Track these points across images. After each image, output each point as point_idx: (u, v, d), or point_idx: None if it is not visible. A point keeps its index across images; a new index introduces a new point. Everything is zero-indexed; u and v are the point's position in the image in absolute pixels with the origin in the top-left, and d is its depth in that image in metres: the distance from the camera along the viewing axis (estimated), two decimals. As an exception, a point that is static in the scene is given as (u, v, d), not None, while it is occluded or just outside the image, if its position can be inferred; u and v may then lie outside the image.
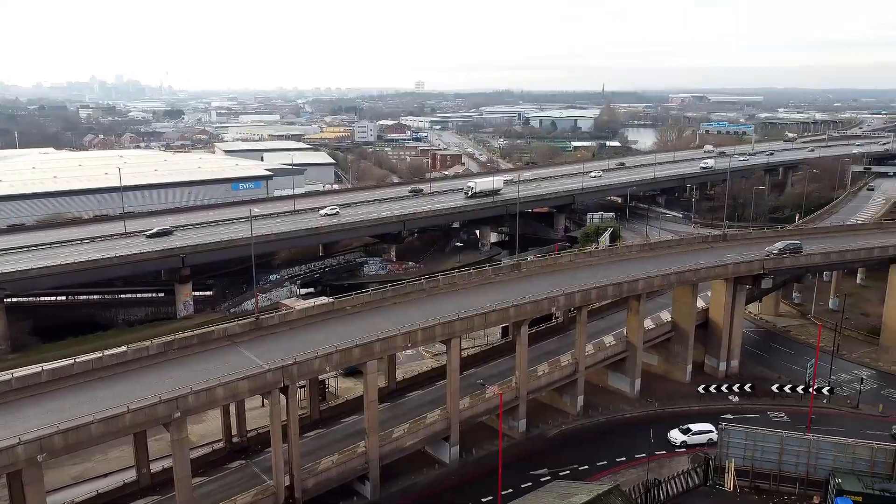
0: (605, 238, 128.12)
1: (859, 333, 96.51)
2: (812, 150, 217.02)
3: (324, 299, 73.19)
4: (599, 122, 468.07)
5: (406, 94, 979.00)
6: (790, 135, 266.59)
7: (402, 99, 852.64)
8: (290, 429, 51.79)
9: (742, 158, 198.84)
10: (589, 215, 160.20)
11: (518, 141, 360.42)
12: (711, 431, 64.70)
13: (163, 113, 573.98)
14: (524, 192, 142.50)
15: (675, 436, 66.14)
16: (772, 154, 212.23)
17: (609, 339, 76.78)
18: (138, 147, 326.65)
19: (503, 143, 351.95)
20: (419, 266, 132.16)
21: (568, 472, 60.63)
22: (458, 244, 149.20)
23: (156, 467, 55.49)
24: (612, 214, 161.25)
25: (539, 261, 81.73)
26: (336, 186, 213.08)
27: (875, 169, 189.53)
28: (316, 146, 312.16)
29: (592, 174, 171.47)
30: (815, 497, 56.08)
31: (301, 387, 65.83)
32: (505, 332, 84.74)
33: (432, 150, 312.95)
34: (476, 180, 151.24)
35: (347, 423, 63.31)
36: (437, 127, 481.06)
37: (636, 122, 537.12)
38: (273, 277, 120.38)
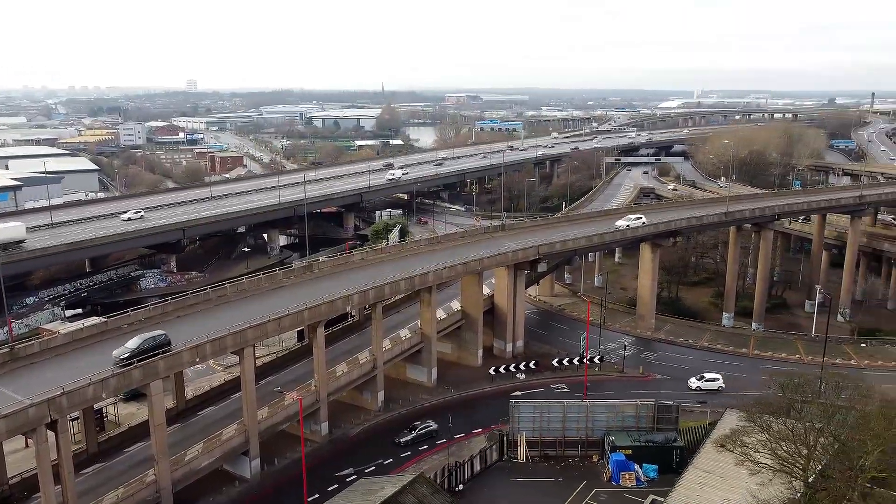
0: (394, 234, 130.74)
1: (620, 306, 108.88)
2: (598, 140, 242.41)
3: (95, 320, 66.16)
4: (381, 121, 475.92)
5: (177, 93, 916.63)
6: (554, 134, 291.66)
7: (173, 98, 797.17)
8: (62, 468, 46.07)
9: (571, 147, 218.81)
10: (378, 213, 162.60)
11: (302, 141, 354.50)
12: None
13: None
14: (312, 193, 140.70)
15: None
16: (552, 147, 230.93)
17: (405, 333, 78.52)
18: None
19: (286, 144, 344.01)
20: (204, 275, 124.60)
21: (373, 468, 61.06)
22: (246, 249, 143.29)
23: None
24: (399, 211, 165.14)
25: (331, 261, 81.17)
26: (102, 195, 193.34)
27: (624, 160, 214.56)
28: (74, 151, 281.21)
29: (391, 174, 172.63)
30: (594, 456, 62.24)
31: (74, 419, 58.97)
32: (301, 335, 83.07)
33: (210, 152, 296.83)
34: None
35: (132, 451, 57.94)
36: (215, 128, 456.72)
37: (416, 120, 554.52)
38: (30, 300, 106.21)
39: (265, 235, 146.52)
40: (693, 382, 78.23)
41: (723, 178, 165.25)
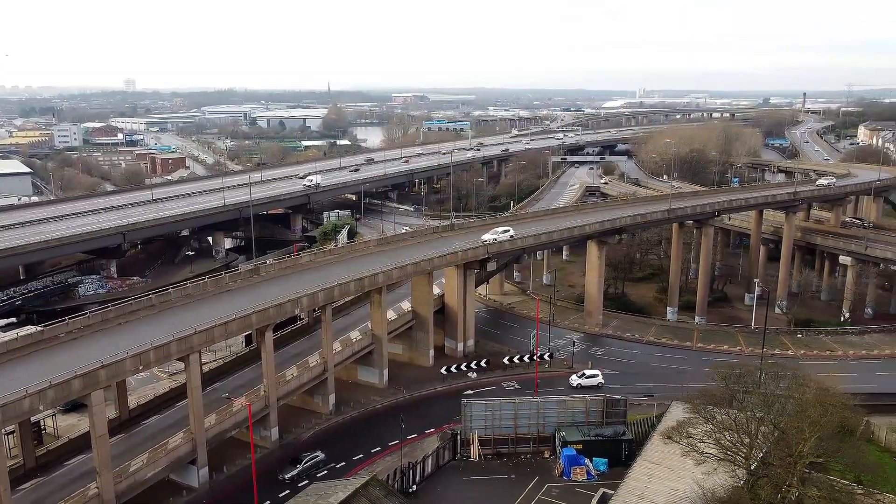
0: (343, 235, 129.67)
1: (569, 303, 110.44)
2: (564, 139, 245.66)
3: (30, 328, 63.53)
4: (328, 122, 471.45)
5: (115, 92, 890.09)
6: (505, 135, 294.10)
7: (111, 98, 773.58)
8: (-3, 484, 44.13)
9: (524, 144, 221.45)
10: (326, 214, 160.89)
11: (246, 142, 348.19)
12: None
13: None
14: (258, 194, 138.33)
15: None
16: (522, 141, 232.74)
17: (355, 335, 77.94)
18: None
19: (231, 145, 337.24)
20: (146, 280, 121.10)
21: (325, 472, 60.42)
22: (190, 253, 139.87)
23: None
24: (348, 212, 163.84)
25: (278, 263, 79.95)
26: (36, 198, 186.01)
27: (570, 159, 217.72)
28: (6, 154, 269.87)
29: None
30: (545, 452, 62.98)
31: (9, 433, 56.53)
32: (249, 339, 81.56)
33: (151, 153, 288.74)
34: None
35: (73, 465, 55.89)
36: (155, 129, 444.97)
37: (363, 120, 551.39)
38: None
39: (210, 238, 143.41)
40: (574, 380, 79.13)
41: (665, 176, 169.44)
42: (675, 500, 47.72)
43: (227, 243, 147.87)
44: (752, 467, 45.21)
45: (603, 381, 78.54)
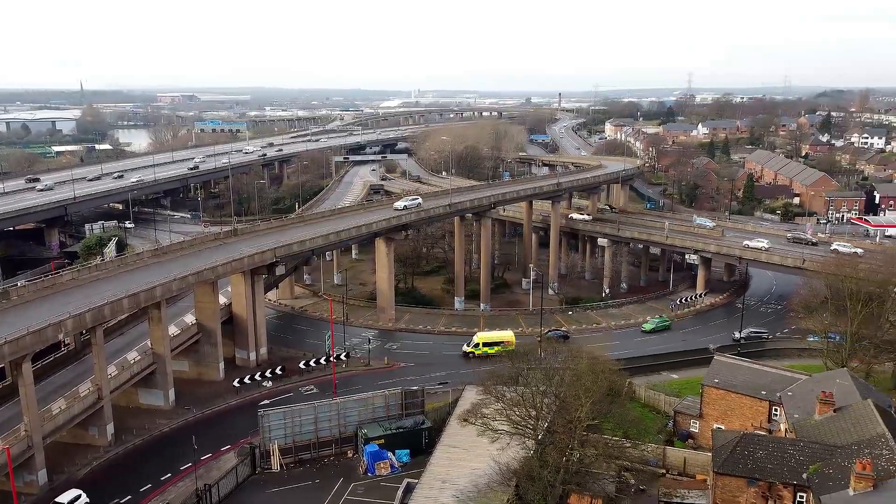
0: (110, 249, 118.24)
1: (361, 301, 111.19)
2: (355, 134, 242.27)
3: None
4: (83, 124, 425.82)
5: None
6: (285, 135, 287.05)
7: None
8: None
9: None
10: (88, 226, 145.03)
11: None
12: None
13: None
14: (2, 208, 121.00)
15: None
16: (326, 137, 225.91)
17: (133, 355, 71.58)
18: None
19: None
20: None
21: (109, 510, 54.77)
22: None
23: None
24: (114, 223, 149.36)
25: (34, 284, 70.58)
26: None
27: (352, 158, 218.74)
28: None
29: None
30: (348, 451, 62.88)
31: None
32: (3, 374, 71.00)
33: None
34: None
35: None
36: None
37: (126, 122, 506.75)
38: None
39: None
40: None
41: (444, 172, 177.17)
42: (475, 479, 50.30)
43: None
44: (540, 437, 49.09)
45: None
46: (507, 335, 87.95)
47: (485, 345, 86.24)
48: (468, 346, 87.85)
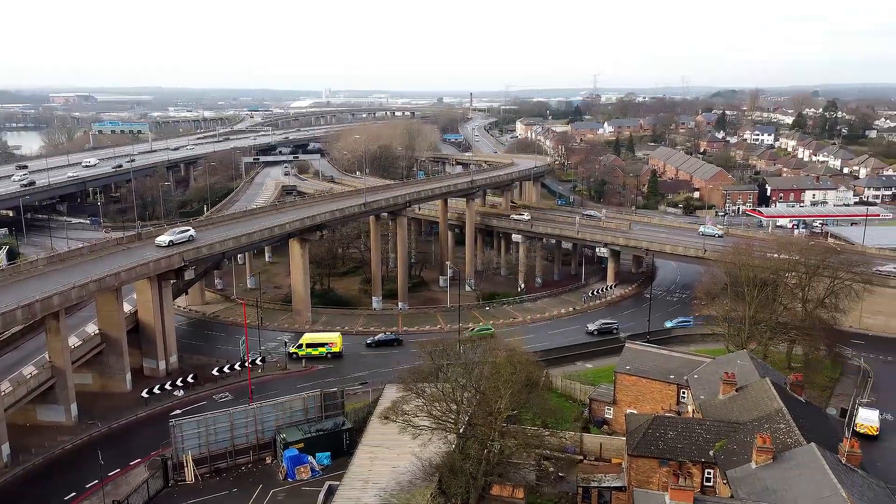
0: (0, 257, 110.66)
1: (276, 304, 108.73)
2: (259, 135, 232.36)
3: None
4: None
5: None
6: (191, 136, 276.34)
7: None
8: None
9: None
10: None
11: None
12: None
13: None
14: None
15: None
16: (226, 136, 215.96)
17: (29, 370, 67.07)
18: None
19: None
20: None
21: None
22: None
23: None
24: (4, 231, 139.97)
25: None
26: None
27: (263, 159, 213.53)
28: None
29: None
30: (267, 458, 61.30)
31: None
32: None
33: None
34: None
35: None
36: None
37: (14, 124, 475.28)
38: None
39: None
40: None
41: (358, 172, 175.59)
42: (398, 476, 50.10)
43: None
44: (461, 431, 49.42)
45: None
46: (333, 336, 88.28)
47: (308, 346, 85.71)
48: (293, 346, 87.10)
